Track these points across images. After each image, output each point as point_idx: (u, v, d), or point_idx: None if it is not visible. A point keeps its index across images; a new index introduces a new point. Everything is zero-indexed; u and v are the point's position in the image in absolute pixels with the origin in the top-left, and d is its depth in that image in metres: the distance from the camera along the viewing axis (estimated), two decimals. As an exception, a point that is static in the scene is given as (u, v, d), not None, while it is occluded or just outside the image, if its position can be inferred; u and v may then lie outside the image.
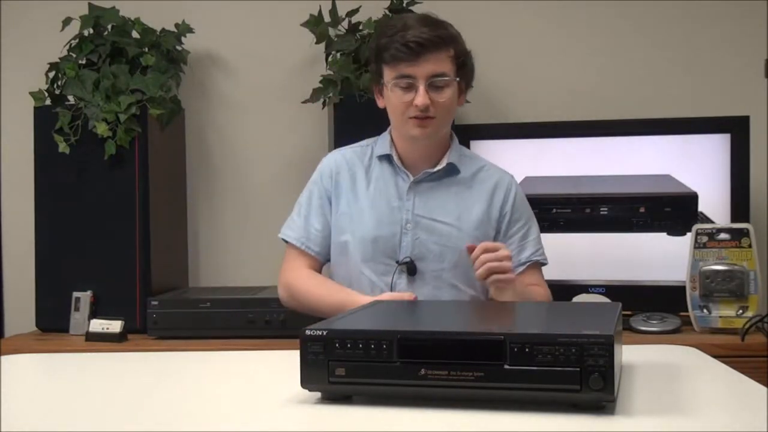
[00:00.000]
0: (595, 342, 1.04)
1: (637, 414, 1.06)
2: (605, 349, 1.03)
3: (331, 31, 2.51)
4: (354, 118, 2.41)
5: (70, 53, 2.45)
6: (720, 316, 2.21)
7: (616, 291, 2.37)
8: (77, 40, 2.45)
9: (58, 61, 2.43)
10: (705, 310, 2.22)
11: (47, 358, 1.71)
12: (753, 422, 1.05)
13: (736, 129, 2.38)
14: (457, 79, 1.81)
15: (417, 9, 2.51)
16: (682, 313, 2.28)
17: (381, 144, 1.92)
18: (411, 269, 1.84)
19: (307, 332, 1.10)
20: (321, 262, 1.93)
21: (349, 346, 1.10)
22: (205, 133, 2.77)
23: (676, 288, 2.28)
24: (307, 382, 1.12)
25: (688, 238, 2.25)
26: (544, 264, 1.95)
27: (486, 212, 1.88)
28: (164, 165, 2.55)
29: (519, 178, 2.50)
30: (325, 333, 1.11)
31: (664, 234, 2.40)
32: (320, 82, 2.46)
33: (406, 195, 1.86)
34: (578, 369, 1.04)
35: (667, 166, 2.43)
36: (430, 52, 1.76)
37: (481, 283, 1.75)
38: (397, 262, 1.84)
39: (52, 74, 2.44)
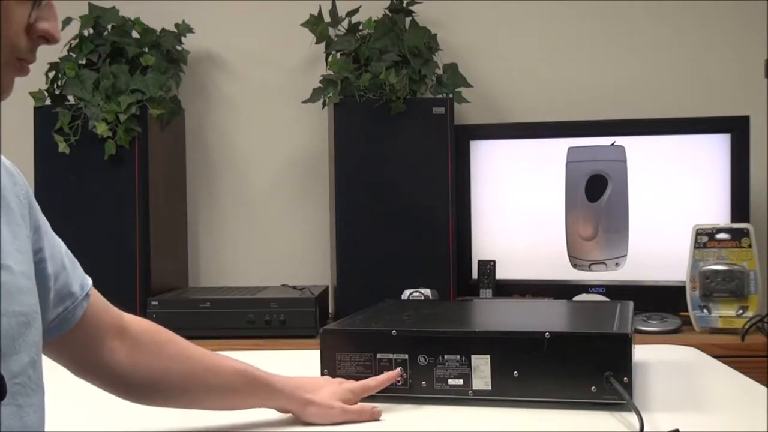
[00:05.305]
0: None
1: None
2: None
3: (331, 31, 2.51)
4: (354, 118, 2.41)
5: (70, 53, 2.44)
6: (720, 316, 2.21)
7: (616, 291, 2.37)
8: (77, 40, 2.45)
9: (58, 61, 2.43)
10: (705, 310, 2.22)
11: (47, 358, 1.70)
12: (753, 422, 1.05)
13: (736, 129, 2.38)
14: None
15: (417, 9, 2.51)
16: (682, 313, 2.28)
17: None
18: None
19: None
20: None
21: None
22: (205, 133, 2.77)
23: (676, 288, 2.28)
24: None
25: (688, 238, 2.25)
26: None
27: None
28: (164, 165, 2.54)
29: (519, 178, 2.51)
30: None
31: (664, 234, 2.40)
32: (320, 82, 2.46)
33: None
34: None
35: (667, 166, 2.43)
36: None
37: None
38: None
39: (52, 74, 2.44)
